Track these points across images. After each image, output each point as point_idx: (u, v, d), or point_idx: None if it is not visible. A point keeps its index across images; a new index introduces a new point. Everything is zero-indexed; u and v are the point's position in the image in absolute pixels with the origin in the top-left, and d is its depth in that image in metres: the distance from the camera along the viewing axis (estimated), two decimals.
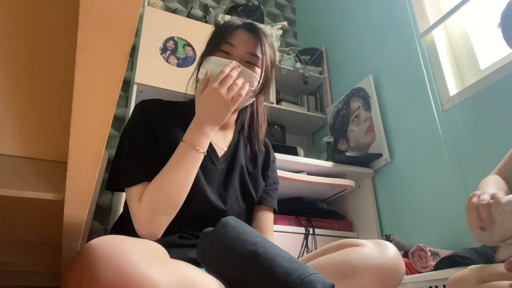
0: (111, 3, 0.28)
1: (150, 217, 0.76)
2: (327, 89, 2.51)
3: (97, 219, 1.85)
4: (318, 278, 0.60)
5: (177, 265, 0.58)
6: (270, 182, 1.04)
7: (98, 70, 0.34)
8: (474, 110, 1.49)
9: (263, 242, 0.65)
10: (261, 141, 1.03)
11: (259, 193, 0.99)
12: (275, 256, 0.61)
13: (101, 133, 0.42)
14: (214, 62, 0.89)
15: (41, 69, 0.45)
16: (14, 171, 0.58)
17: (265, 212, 1.00)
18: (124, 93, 2.18)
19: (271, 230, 1.00)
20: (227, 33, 0.91)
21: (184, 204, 0.82)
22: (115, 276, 0.48)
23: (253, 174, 0.99)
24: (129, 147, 0.85)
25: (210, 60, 0.90)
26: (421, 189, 1.67)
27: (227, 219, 0.73)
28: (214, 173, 0.92)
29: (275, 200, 1.05)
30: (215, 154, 0.94)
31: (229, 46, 0.90)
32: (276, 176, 1.08)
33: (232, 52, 0.90)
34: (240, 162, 0.97)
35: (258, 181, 0.99)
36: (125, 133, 0.89)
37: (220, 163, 0.94)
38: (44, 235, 1.00)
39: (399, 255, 0.81)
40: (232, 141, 0.99)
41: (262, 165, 1.03)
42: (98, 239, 0.54)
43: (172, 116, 0.92)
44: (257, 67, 0.92)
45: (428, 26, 1.77)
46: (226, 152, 0.96)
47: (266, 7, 3.06)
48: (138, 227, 0.77)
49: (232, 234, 0.66)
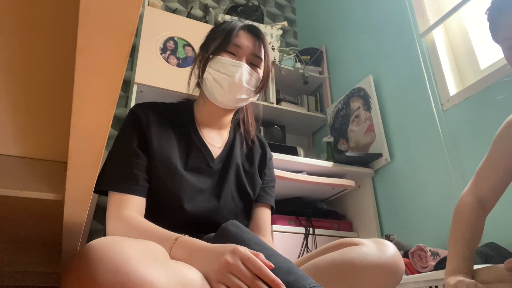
0: (111, 3, 0.28)
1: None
2: (327, 89, 2.51)
3: (97, 219, 1.85)
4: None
5: (177, 267, 0.58)
6: (267, 179, 1.05)
7: (98, 70, 0.34)
8: (474, 110, 1.49)
9: (261, 250, 0.65)
10: (253, 136, 1.05)
11: (256, 191, 1.00)
12: (274, 269, 0.61)
13: (101, 133, 0.42)
14: (222, 63, 0.90)
15: (41, 69, 0.45)
16: (14, 171, 0.58)
17: (261, 209, 1.01)
18: (124, 93, 2.18)
19: (268, 228, 1.00)
20: (233, 35, 0.93)
21: (178, 212, 0.84)
22: (114, 278, 0.48)
23: (250, 173, 1.00)
24: (118, 153, 0.86)
25: (218, 60, 0.91)
26: (421, 189, 1.67)
27: (227, 225, 0.73)
28: (209, 175, 0.92)
29: (272, 197, 1.05)
30: (210, 156, 0.94)
31: (235, 47, 0.93)
32: (273, 174, 1.09)
33: (238, 53, 0.93)
34: (236, 161, 0.97)
35: (255, 179, 1.00)
36: (117, 138, 0.90)
37: (216, 164, 0.94)
38: (44, 235, 1.00)
39: (399, 253, 0.81)
40: (227, 140, 1.00)
41: (258, 163, 1.03)
42: (98, 240, 0.54)
43: (164, 121, 0.93)
44: (259, 69, 0.96)
45: (428, 26, 1.77)
46: (222, 151, 0.97)
47: (266, 7, 3.06)
48: (108, 232, 0.79)
49: (230, 243, 0.66)
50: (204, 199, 0.89)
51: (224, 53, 0.92)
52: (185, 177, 0.87)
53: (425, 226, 1.61)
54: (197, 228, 0.86)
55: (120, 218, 0.78)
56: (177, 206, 0.85)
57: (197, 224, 0.87)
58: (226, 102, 0.93)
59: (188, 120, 0.97)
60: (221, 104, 0.94)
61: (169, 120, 0.94)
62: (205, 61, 0.94)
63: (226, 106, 0.95)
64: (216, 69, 0.90)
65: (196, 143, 0.94)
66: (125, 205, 0.80)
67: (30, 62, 0.44)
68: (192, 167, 0.90)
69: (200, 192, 0.89)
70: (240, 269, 0.57)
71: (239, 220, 0.93)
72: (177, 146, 0.91)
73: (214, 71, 0.91)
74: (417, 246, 1.32)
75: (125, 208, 0.79)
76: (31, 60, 0.44)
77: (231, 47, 0.92)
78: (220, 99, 0.92)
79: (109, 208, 0.81)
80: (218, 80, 0.90)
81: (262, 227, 0.98)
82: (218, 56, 0.91)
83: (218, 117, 0.99)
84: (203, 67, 0.94)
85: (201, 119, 0.99)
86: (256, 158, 1.03)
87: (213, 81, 0.91)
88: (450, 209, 1.54)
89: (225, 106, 0.95)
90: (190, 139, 0.94)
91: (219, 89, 0.91)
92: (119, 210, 0.79)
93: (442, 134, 1.60)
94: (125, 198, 0.81)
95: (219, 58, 0.91)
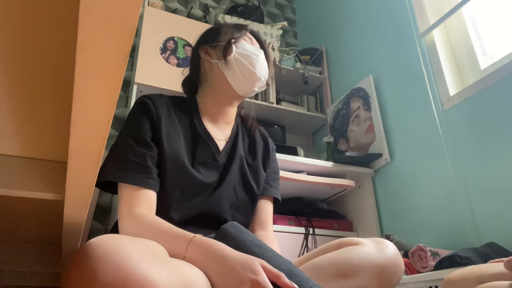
0: (111, 3, 0.28)
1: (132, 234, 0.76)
2: (327, 89, 2.51)
3: (97, 219, 1.85)
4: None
5: (177, 265, 0.58)
6: (270, 171, 1.04)
7: (98, 70, 0.34)
8: (474, 110, 1.49)
9: (262, 253, 0.65)
10: (255, 130, 1.07)
11: (260, 185, 0.99)
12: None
13: (101, 133, 0.42)
14: (246, 47, 0.95)
15: (41, 69, 0.45)
16: (14, 171, 0.58)
17: (264, 202, 1.00)
18: (124, 93, 2.18)
19: (270, 221, 0.99)
20: (243, 30, 1.00)
21: (182, 206, 0.84)
22: (114, 276, 0.48)
23: (253, 166, 0.99)
24: (126, 144, 0.84)
25: (243, 44, 0.95)
26: (421, 189, 1.67)
27: (226, 227, 0.72)
28: (214, 169, 0.92)
29: (276, 189, 1.04)
30: (217, 150, 0.94)
31: (249, 39, 0.99)
32: (276, 166, 1.08)
33: (251, 43, 1.00)
34: (240, 154, 0.97)
35: (259, 173, 0.99)
36: (124, 128, 0.88)
37: (222, 157, 0.94)
38: (44, 235, 1.00)
39: (398, 253, 0.81)
40: (231, 133, 1.00)
41: (262, 156, 1.03)
42: (98, 238, 0.53)
43: (171, 114, 0.92)
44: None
45: (428, 26, 1.77)
46: (227, 144, 0.97)
47: (266, 7, 3.06)
48: (121, 232, 0.78)
49: (230, 245, 0.66)
50: (207, 193, 0.88)
51: (243, 40, 0.97)
52: (192, 172, 0.86)
53: (425, 226, 1.61)
54: (198, 221, 0.86)
55: (133, 218, 0.76)
56: (181, 201, 0.85)
57: (198, 218, 0.86)
58: (251, 83, 0.94)
59: (193, 113, 0.96)
60: (244, 85, 0.94)
61: (175, 112, 0.93)
62: (227, 44, 0.95)
63: (248, 88, 0.95)
64: (243, 49, 0.94)
65: (203, 136, 0.93)
66: (138, 201, 0.78)
67: (30, 62, 0.44)
68: (199, 162, 0.90)
69: (205, 186, 0.88)
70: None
71: (240, 214, 0.93)
72: (183, 140, 0.90)
73: (241, 51, 0.94)
74: (417, 246, 1.32)
75: (138, 205, 0.78)
76: (32, 60, 0.44)
77: (246, 37, 0.98)
78: (246, 79, 0.93)
79: (122, 205, 0.78)
80: (246, 61, 0.93)
81: (264, 221, 0.98)
82: (242, 40, 0.96)
83: (224, 109, 0.99)
84: (224, 51, 0.94)
85: (207, 112, 0.98)
86: (259, 151, 1.03)
87: (241, 61, 0.93)
88: (450, 209, 1.55)
89: (247, 88, 0.95)
90: (197, 133, 0.93)
91: (247, 68, 0.93)
92: (132, 207, 0.77)
93: (442, 134, 1.59)
94: (138, 193, 0.79)
95: (244, 42, 0.96)
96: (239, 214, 0.93)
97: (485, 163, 1.40)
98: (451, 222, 1.49)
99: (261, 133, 1.08)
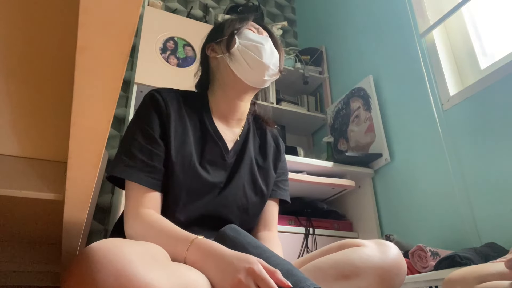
0: (111, 3, 0.28)
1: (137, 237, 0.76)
2: (327, 89, 2.51)
3: (97, 219, 1.85)
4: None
5: (178, 269, 0.57)
6: (279, 172, 1.02)
7: (98, 70, 0.34)
8: (474, 110, 1.49)
9: (260, 253, 0.65)
10: (267, 129, 1.04)
11: (270, 187, 0.97)
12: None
13: (101, 133, 0.42)
14: (250, 36, 0.92)
15: (41, 69, 0.45)
16: (14, 171, 0.58)
17: (270, 203, 0.98)
18: (124, 93, 2.18)
19: (275, 222, 0.98)
20: (246, 20, 0.97)
21: (187, 207, 0.83)
22: (115, 281, 0.48)
23: (263, 167, 0.97)
24: (133, 139, 0.83)
25: (247, 34, 0.93)
26: (421, 189, 1.67)
27: (225, 230, 0.72)
28: (223, 169, 0.90)
29: (285, 191, 1.02)
30: (226, 149, 0.91)
31: (254, 28, 0.97)
32: (285, 166, 1.06)
33: (258, 32, 0.97)
34: (250, 155, 0.95)
35: (269, 174, 0.97)
36: (132, 122, 0.87)
37: (230, 157, 0.92)
38: (44, 235, 1.00)
39: (401, 255, 0.80)
40: (242, 132, 0.97)
41: (273, 158, 1.01)
42: (98, 243, 0.53)
43: (181, 110, 0.90)
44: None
45: (428, 26, 1.77)
46: (236, 144, 0.94)
47: (266, 7, 3.06)
48: (126, 230, 0.78)
49: (228, 247, 0.66)
50: (215, 193, 0.87)
51: (247, 30, 0.95)
52: (199, 171, 0.85)
53: (425, 226, 1.61)
54: (204, 222, 0.85)
55: (139, 217, 0.76)
56: (188, 201, 0.84)
57: (204, 219, 0.85)
58: (259, 72, 0.91)
59: (203, 110, 0.94)
60: (252, 75, 0.91)
61: (185, 109, 0.91)
62: (230, 37, 0.93)
63: (258, 78, 0.92)
64: (247, 39, 0.91)
65: (212, 135, 0.91)
66: (145, 201, 0.78)
67: (30, 62, 0.44)
68: (207, 161, 0.88)
69: (212, 186, 0.87)
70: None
71: (249, 216, 0.92)
72: (192, 138, 0.88)
73: (245, 41, 0.91)
74: (417, 246, 1.32)
75: (144, 205, 0.78)
76: (31, 60, 0.44)
77: (250, 27, 0.96)
78: (254, 69, 0.90)
79: (128, 204, 0.79)
80: (251, 50, 0.90)
81: (269, 222, 0.96)
82: (245, 30, 0.94)
83: (235, 105, 0.95)
84: (227, 44, 0.92)
85: (217, 109, 0.95)
86: (270, 152, 1.00)
87: (246, 51, 0.90)
88: (450, 209, 1.55)
89: (256, 78, 0.92)
90: (206, 131, 0.91)
91: (253, 57, 0.89)
92: (138, 207, 0.77)
93: (442, 134, 1.59)
94: (145, 193, 0.79)
95: (247, 32, 0.93)
96: (248, 216, 0.92)
97: (485, 163, 1.40)
98: (451, 222, 1.49)
99: (272, 133, 1.05)
